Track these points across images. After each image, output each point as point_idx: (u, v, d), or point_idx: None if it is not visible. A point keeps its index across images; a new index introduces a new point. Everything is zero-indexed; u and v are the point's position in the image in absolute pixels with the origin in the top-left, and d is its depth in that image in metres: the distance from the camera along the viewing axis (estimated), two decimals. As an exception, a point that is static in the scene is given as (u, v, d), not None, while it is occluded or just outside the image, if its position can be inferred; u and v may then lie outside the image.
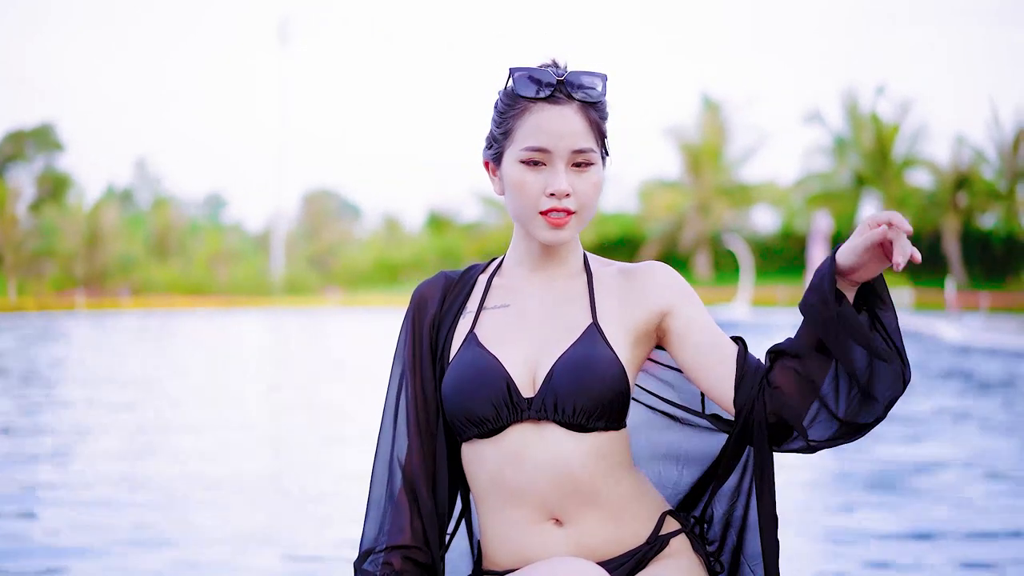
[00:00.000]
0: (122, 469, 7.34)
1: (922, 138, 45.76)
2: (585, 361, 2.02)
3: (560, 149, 2.02)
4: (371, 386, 13.21)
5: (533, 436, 2.03)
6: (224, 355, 19.30)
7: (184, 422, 9.86)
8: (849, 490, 6.74)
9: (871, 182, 45.99)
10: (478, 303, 2.15)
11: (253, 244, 60.66)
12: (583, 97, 2.03)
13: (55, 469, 7.39)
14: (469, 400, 2.04)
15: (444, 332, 2.14)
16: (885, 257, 1.90)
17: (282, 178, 60.22)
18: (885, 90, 46.68)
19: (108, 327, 27.95)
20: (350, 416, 10.49)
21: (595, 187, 2.05)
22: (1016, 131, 43.40)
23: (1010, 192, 43.45)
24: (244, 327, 29.57)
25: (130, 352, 19.49)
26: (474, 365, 2.06)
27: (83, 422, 9.81)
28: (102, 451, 8.26)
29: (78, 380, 14.15)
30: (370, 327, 28.25)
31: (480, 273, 2.21)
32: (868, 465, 7.35)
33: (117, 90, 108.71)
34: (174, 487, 6.73)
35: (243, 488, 6.78)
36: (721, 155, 48.94)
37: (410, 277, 56.41)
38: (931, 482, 6.99)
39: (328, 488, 6.82)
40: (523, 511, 2.04)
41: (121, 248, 47.83)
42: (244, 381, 14.54)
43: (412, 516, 2.12)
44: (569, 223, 2.04)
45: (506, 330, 2.10)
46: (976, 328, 23.41)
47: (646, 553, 2.07)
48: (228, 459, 7.92)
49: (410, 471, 2.13)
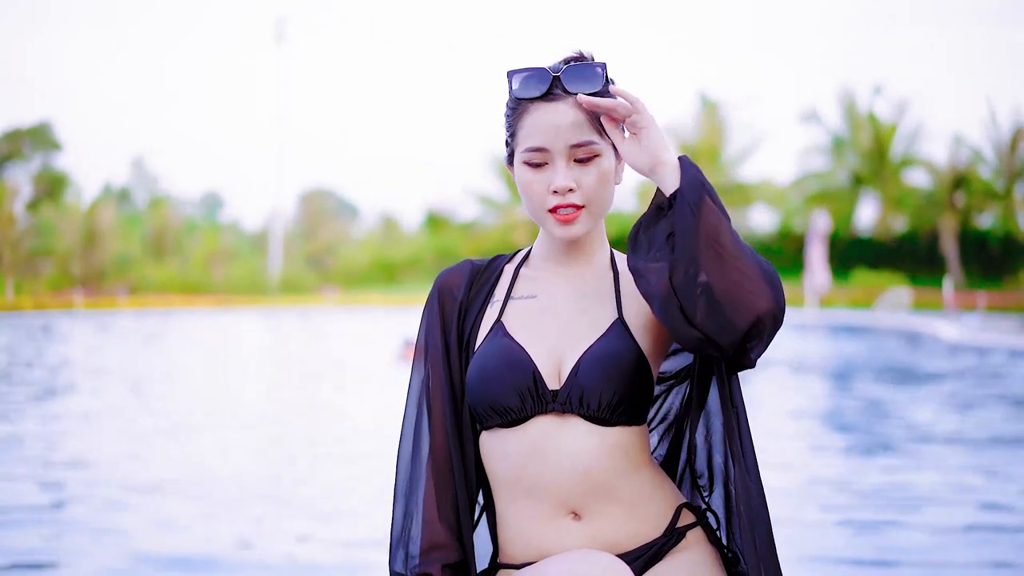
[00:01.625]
0: (122, 468, 7.36)
1: (920, 138, 45.81)
2: (611, 356, 2.03)
3: (558, 145, 2.02)
4: (370, 386, 13.23)
5: (556, 429, 2.03)
6: (224, 354, 19.31)
7: (181, 422, 9.87)
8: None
9: (869, 182, 46.03)
10: (505, 292, 2.16)
11: (250, 243, 60.60)
12: (578, 89, 2.02)
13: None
14: (495, 389, 2.04)
15: (471, 319, 2.16)
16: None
17: (280, 177, 60.14)
18: (883, 90, 46.75)
19: (110, 327, 27.95)
20: (349, 415, 10.50)
21: (600, 178, 2.04)
22: (1013, 131, 43.46)
23: (1007, 192, 43.49)
24: (243, 326, 29.58)
25: (131, 351, 19.50)
26: (501, 354, 2.06)
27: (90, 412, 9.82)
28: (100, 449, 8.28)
29: (90, 377, 14.15)
30: (368, 327, 28.24)
31: (507, 263, 2.22)
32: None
33: (115, 89, 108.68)
34: (175, 487, 6.75)
35: (242, 487, 6.80)
36: (719, 154, 48.93)
37: (408, 276, 56.41)
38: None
39: (329, 487, 6.83)
40: (542, 504, 2.04)
41: (118, 247, 47.79)
42: (244, 381, 14.54)
43: (441, 509, 2.12)
44: (579, 218, 2.05)
45: (533, 321, 2.11)
46: (974, 327, 23.44)
47: (663, 546, 2.07)
48: (227, 459, 7.93)
49: (437, 461, 2.13)
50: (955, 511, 6.05)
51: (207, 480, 6.95)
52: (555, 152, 2.03)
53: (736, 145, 49.68)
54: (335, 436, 9.15)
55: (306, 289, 49.44)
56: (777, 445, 8.29)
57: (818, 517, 5.94)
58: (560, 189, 2.02)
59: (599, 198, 2.06)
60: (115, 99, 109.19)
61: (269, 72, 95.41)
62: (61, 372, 15.00)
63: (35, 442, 8.61)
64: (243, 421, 10.12)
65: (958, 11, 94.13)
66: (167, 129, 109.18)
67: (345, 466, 7.58)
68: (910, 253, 45.01)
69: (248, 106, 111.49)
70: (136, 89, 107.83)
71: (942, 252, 43.69)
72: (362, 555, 5.12)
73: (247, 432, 9.39)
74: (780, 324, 1.96)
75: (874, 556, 5.08)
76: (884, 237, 45.75)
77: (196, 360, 17.80)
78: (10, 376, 13.98)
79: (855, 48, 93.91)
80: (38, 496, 6.43)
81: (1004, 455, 7.99)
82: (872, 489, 6.74)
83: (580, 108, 2.02)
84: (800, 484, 6.90)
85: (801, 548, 5.10)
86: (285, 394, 12.64)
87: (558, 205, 2.03)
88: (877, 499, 6.46)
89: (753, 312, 1.89)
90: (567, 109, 2.02)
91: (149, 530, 5.52)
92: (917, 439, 8.71)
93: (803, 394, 12.67)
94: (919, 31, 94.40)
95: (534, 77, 2.04)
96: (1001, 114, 49.94)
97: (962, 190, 43.84)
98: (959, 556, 5.05)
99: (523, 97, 2.05)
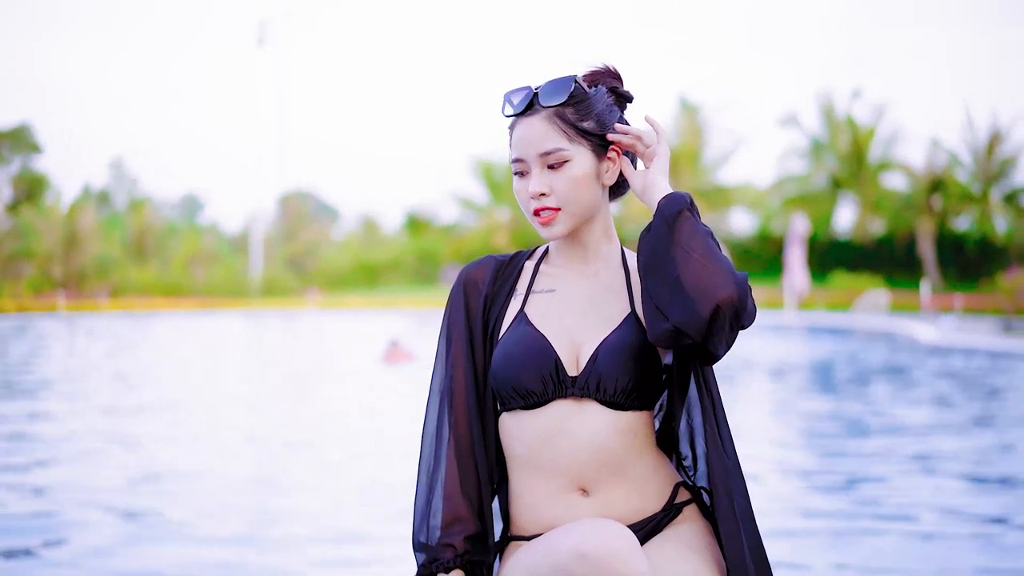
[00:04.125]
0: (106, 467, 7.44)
1: (897, 141, 46.13)
2: (626, 346, 2.25)
3: (531, 155, 2.27)
4: (357, 388, 13.31)
5: (573, 411, 2.25)
6: (211, 356, 19.34)
7: (169, 424, 9.95)
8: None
9: (847, 185, 46.30)
10: (527, 286, 2.38)
11: (230, 246, 60.47)
12: (548, 103, 2.26)
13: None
14: (519, 373, 2.26)
15: (496, 310, 2.37)
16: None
17: (259, 179, 60.14)
18: (861, 94, 47.04)
19: (95, 330, 27.90)
20: (336, 417, 10.57)
21: (571, 181, 2.26)
22: (990, 134, 43.83)
23: (984, 195, 43.84)
24: (228, 329, 29.56)
25: (116, 352, 19.51)
26: (526, 341, 2.28)
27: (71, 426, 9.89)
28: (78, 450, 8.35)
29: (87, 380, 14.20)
30: (353, 329, 28.29)
31: (527, 259, 2.44)
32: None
33: (93, 91, 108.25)
34: (154, 486, 6.82)
35: (228, 486, 6.89)
36: (699, 158, 49.14)
37: (389, 279, 56.39)
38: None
39: (315, 488, 6.91)
40: (555, 481, 2.26)
41: (99, 249, 47.67)
42: (234, 383, 14.60)
43: (462, 485, 2.33)
44: (556, 219, 2.28)
45: (553, 313, 2.32)
46: (951, 329, 23.69)
47: (661, 519, 2.29)
48: (214, 458, 8.01)
49: (459, 440, 2.35)
50: (925, 515, 6.19)
51: (188, 481, 7.01)
52: (530, 161, 2.28)
53: (716, 149, 49.89)
54: (323, 437, 9.22)
55: (287, 291, 49.39)
56: (752, 439, 8.45)
57: (794, 521, 6.06)
58: (532, 194, 2.27)
59: (574, 199, 2.28)
60: (93, 101, 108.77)
61: (250, 74, 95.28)
62: (38, 373, 15.06)
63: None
64: (230, 422, 10.19)
65: (932, 16, 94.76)
66: (145, 131, 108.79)
67: (330, 467, 7.65)
68: (888, 256, 45.33)
69: (228, 108, 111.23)
70: (114, 91, 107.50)
71: (919, 255, 44.03)
72: (348, 551, 5.21)
73: (232, 432, 9.45)
74: (742, 318, 2.18)
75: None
76: (862, 240, 46.04)
77: (186, 361, 17.83)
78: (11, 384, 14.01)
79: (834, 52, 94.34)
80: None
81: (980, 456, 8.16)
82: (844, 487, 6.91)
83: (553, 119, 2.27)
84: (772, 476, 7.04)
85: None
86: (273, 396, 12.68)
87: (537, 208, 2.28)
88: (849, 498, 6.61)
89: (714, 299, 2.11)
90: (538, 121, 2.27)
91: (122, 533, 5.49)
92: (893, 432, 8.87)
93: (783, 394, 12.86)
94: (895, 35, 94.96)
95: (515, 95, 2.31)
96: (978, 118, 50.19)
97: (939, 193, 44.15)
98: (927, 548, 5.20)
99: (506, 115, 2.32)
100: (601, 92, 2.32)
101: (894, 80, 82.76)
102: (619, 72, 2.39)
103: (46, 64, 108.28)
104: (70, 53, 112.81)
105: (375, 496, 6.51)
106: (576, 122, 2.27)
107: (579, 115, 2.27)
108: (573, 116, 2.27)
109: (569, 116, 2.26)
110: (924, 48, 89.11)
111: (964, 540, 5.37)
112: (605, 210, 2.37)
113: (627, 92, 2.38)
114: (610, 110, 2.31)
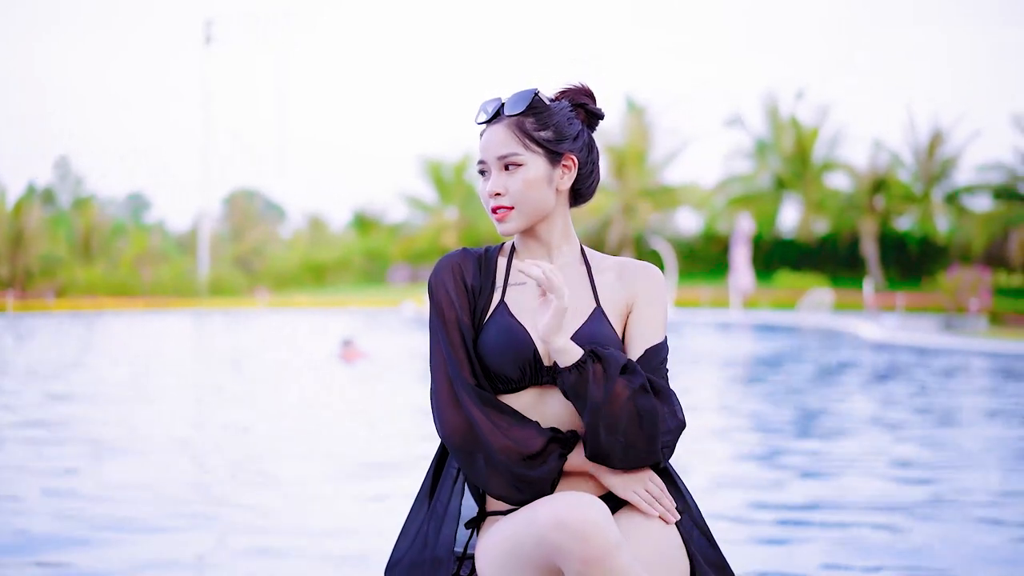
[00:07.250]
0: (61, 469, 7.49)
1: (840, 142, 46.68)
2: (594, 339, 2.49)
3: (490, 158, 2.53)
4: (311, 385, 13.36)
5: (544, 397, 2.50)
6: (165, 358, 19.30)
7: (123, 423, 9.99)
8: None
9: (791, 185, 46.80)
10: (504, 278, 2.60)
11: (177, 245, 60.07)
12: (510, 111, 2.52)
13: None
14: (500, 360, 2.49)
15: (483, 299, 2.57)
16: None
17: (205, 178, 59.68)
18: (804, 95, 47.57)
19: (41, 329, 27.67)
20: (292, 415, 10.62)
21: (523, 183, 2.50)
22: (931, 135, 44.49)
23: (925, 195, 44.52)
24: (176, 328, 29.40)
25: (65, 353, 19.39)
26: (508, 332, 2.50)
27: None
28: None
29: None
30: (302, 328, 28.26)
31: (498, 254, 2.65)
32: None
33: (36, 89, 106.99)
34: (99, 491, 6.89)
35: (178, 487, 6.97)
36: (645, 158, 49.42)
37: (337, 278, 56.28)
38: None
39: (273, 491, 6.97)
40: None
41: (45, 248, 47.18)
42: (191, 383, 14.62)
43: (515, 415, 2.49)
44: (508, 216, 2.53)
45: (528, 305, 2.54)
46: (893, 327, 24.13)
47: None
48: (162, 460, 8.08)
49: (480, 395, 2.49)
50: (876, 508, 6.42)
51: (134, 490, 6.85)
52: (490, 163, 2.54)
53: (662, 149, 50.19)
54: (281, 436, 9.22)
55: (235, 291, 49.11)
56: (698, 434, 8.67)
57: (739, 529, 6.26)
58: (489, 193, 2.53)
59: (526, 200, 2.53)
60: (37, 99, 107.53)
61: (194, 73, 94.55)
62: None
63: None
64: (188, 419, 10.25)
65: (875, 18, 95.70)
66: (90, 129, 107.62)
67: (287, 468, 7.61)
68: (831, 255, 45.93)
69: (173, 107, 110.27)
70: (58, 89, 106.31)
71: (862, 254, 44.66)
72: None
73: (185, 430, 9.52)
74: (674, 448, 2.49)
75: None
76: (806, 239, 46.57)
77: (146, 360, 17.76)
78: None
79: (777, 53, 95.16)
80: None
81: (920, 447, 8.44)
82: (791, 482, 7.15)
83: (512, 127, 2.53)
84: (716, 474, 7.25)
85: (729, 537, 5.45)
86: (227, 395, 12.68)
87: (494, 207, 2.53)
88: (797, 492, 6.85)
89: (648, 462, 2.42)
90: (500, 128, 2.53)
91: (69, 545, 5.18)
92: (839, 433, 9.14)
93: (728, 392, 13.12)
94: (838, 37, 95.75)
95: (488, 105, 2.58)
96: (919, 119, 50.87)
97: (882, 193, 44.77)
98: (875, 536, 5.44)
99: (477, 123, 2.59)
100: (563, 106, 2.58)
101: (836, 82, 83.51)
102: (592, 91, 2.65)
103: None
104: (14, 51, 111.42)
105: (338, 497, 6.60)
106: (533, 131, 2.52)
107: (538, 125, 2.53)
108: (531, 125, 2.52)
109: (527, 125, 2.52)
110: (866, 51, 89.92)
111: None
112: (563, 212, 2.61)
113: (598, 110, 2.64)
114: (570, 122, 2.57)
